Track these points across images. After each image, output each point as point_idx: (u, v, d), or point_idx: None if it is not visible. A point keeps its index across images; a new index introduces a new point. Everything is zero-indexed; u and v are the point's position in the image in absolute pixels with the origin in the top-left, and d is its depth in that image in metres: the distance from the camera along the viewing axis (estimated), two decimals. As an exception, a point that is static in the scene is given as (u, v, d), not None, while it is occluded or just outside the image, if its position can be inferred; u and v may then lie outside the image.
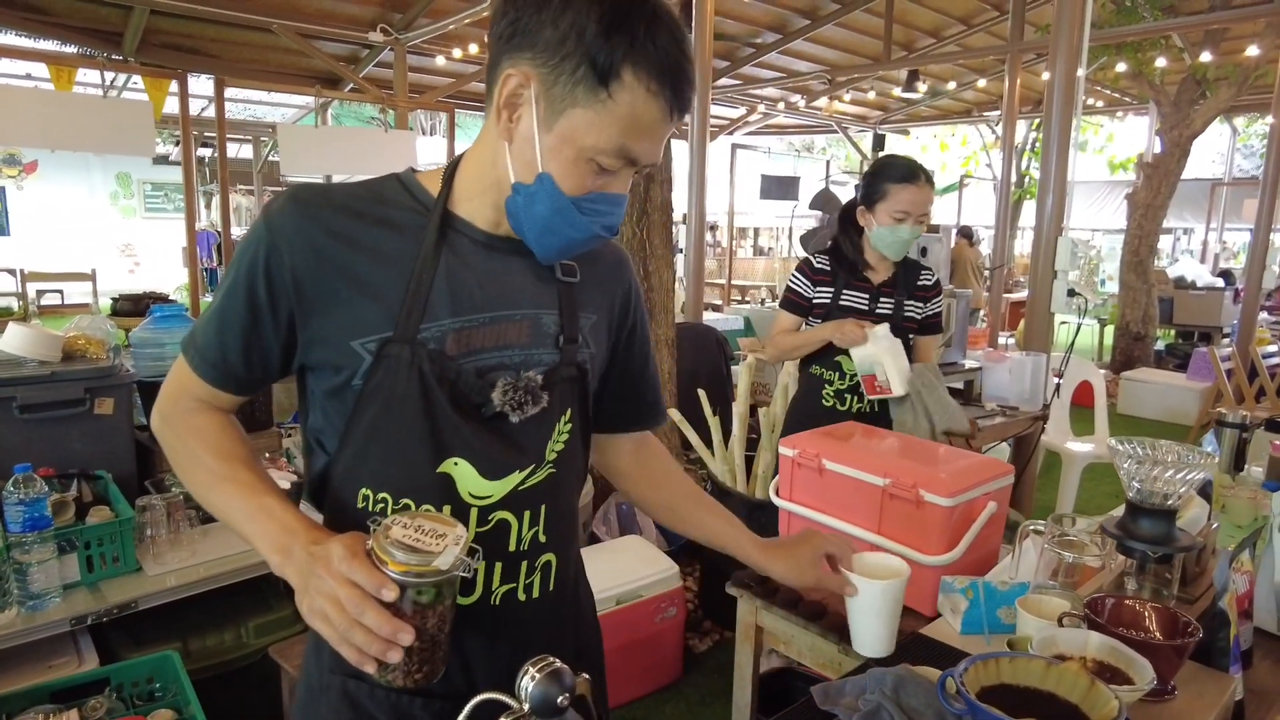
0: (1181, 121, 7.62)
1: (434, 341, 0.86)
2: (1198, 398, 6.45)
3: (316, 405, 0.91)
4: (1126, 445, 1.13)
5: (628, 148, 0.81)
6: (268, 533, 0.81)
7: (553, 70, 0.78)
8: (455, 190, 0.91)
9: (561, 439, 0.96)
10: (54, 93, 4.99)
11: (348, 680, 0.91)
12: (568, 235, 0.86)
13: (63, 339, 2.40)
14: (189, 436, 0.91)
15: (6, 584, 1.78)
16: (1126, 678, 0.87)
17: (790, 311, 2.37)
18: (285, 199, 0.87)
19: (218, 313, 0.88)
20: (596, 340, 1.00)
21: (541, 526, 0.94)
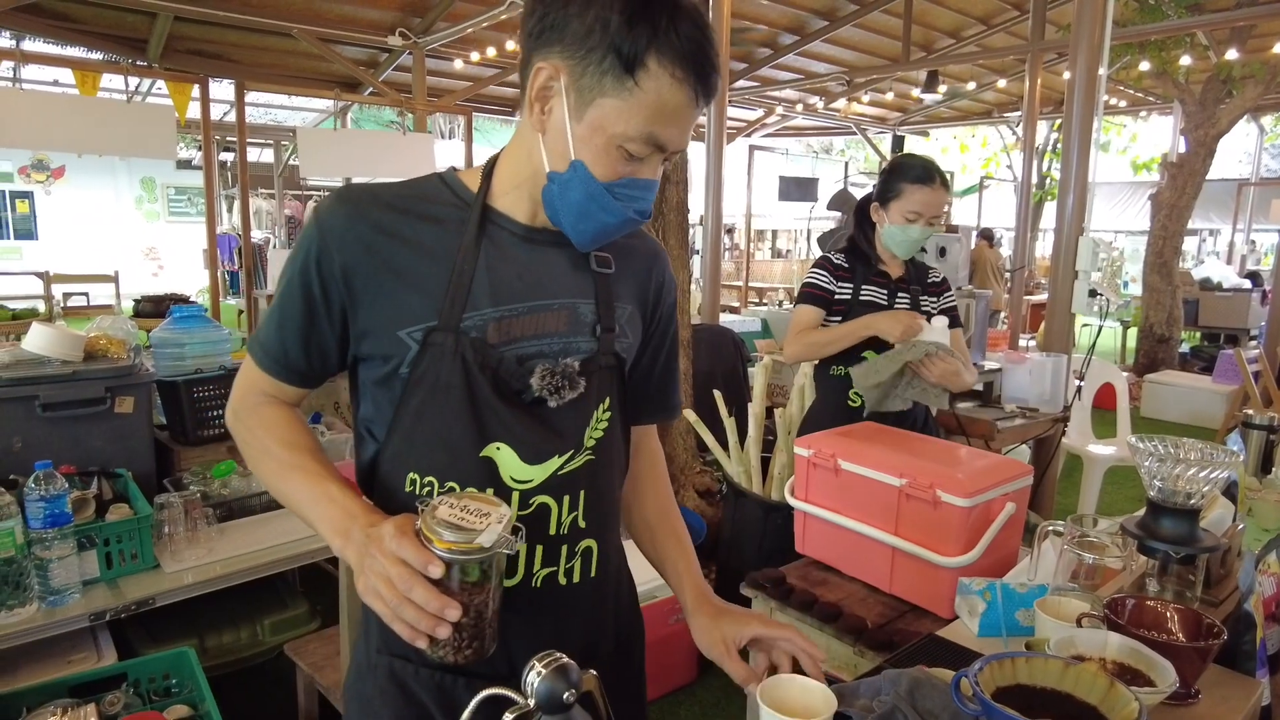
0: (1207, 121, 7.51)
1: (476, 330, 0.89)
2: (1223, 401, 6.33)
3: (367, 395, 0.96)
4: (1148, 443, 1.10)
5: (655, 134, 0.83)
6: (330, 517, 0.85)
7: (580, 62, 0.81)
8: (494, 185, 0.95)
9: (600, 426, 0.98)
10: (79, 98, 5.06)
11: (394, 660, 0.94)
12: (602, 220, 0.88)
13: (85, 339, 2.43)
14: (258, 429, 0.96)
15: (27, 579, 1.80)
16: (1148, 680, 0.85)
17: (812, 305, 2.31)
18: (334, 199, 0.92)
19: (277, 311, 0.93)
20: (633, 330, 1.03)
21: (581, 512, 0.96)
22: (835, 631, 1.66)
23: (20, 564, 1.78)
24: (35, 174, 13.94)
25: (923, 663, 1.19)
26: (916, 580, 1.70)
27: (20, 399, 2.20)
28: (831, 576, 1.87)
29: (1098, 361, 4.32)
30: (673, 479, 3.46)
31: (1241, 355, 5.13)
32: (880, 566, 1.77)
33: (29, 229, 14.14)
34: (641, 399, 1.13)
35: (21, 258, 13.53)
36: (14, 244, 13.98)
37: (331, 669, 1.98)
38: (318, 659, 2.04)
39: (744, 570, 1.95)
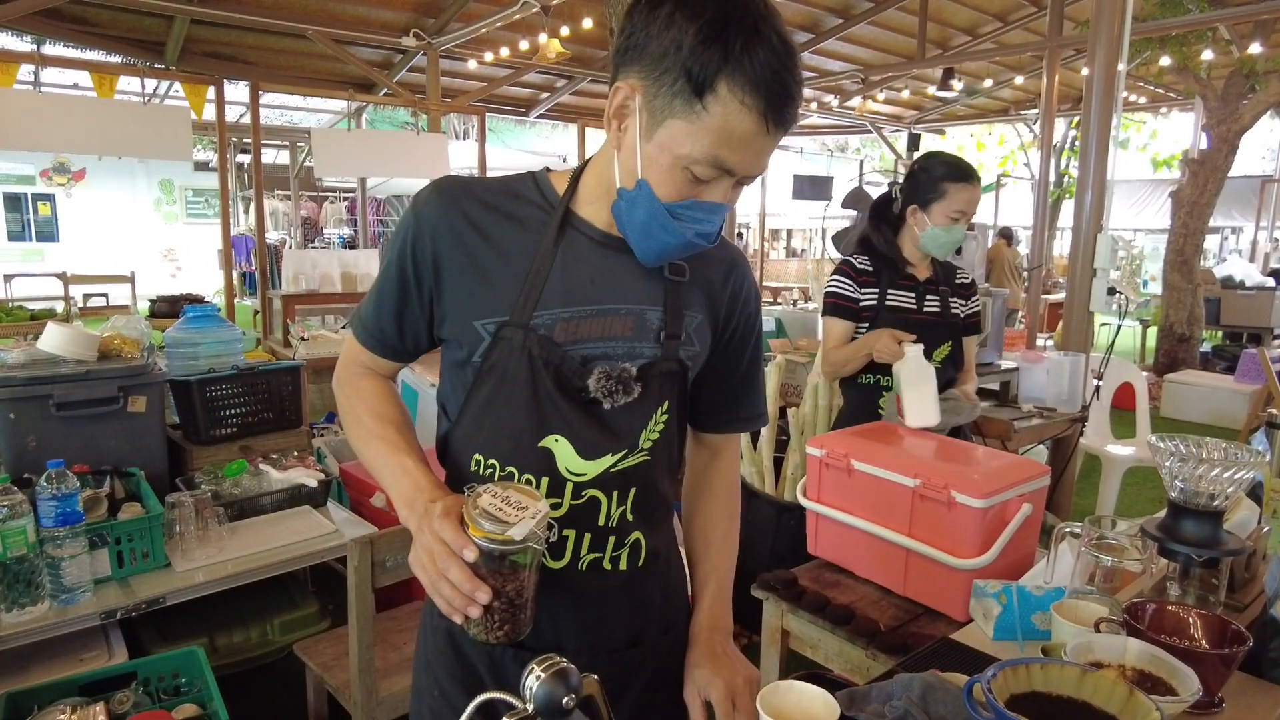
0: (1229, 116, 7.39)
1: (544, 328, 0.94)
2: (1246, 400, 6.23)
3: (446, 375, 1.03)
4: (1169, 443, 1.07)
5: (721, 158, 0.83)
6: (401, 487, 0.92)
7: (655, 82, 0.83)
8: (579, 192, 0.99)
9: (657, 429, 1.00)
10: (96, 100, 5.12)
11: (453, 625, 0.97)
12: (663, 240, 0.91)
13: (99, 339, 2.45)
14: (353, 398, 1.04)
15: (39, 578, 1.80)
16: (1169, 688, 0.82)
17: (839, 318, 2.21)
18: (431, 189, 0.98)
19: (376, 290, 1.01)
20: (701, 338, 1.04)
21: (629, 506, 0.99)
22: (848, 634, 1.63)
23: (32, 562, 1.78)
24: (57, 177, 14.13)
25: (936, 667, 1.17)
26: (930, 582, 1.67)
27: (35, 398, 2.21)
28: (844, 578, 1.85)
29: (1116, 361, 4.26)
30: (685, 479, 3.46)
31: (1265, 354, 5.04)
32: (894, 568, 1.74)
33: (50, 231, 14.33)
34: (720, 407, 1.14)
35: (44, 259, 13.72)
36: (36, 246, 14.18)
37: (341, 669, 1.97)
38: (327, 659, 2.04)
39: (756, 571, 1.93)
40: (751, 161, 0.86)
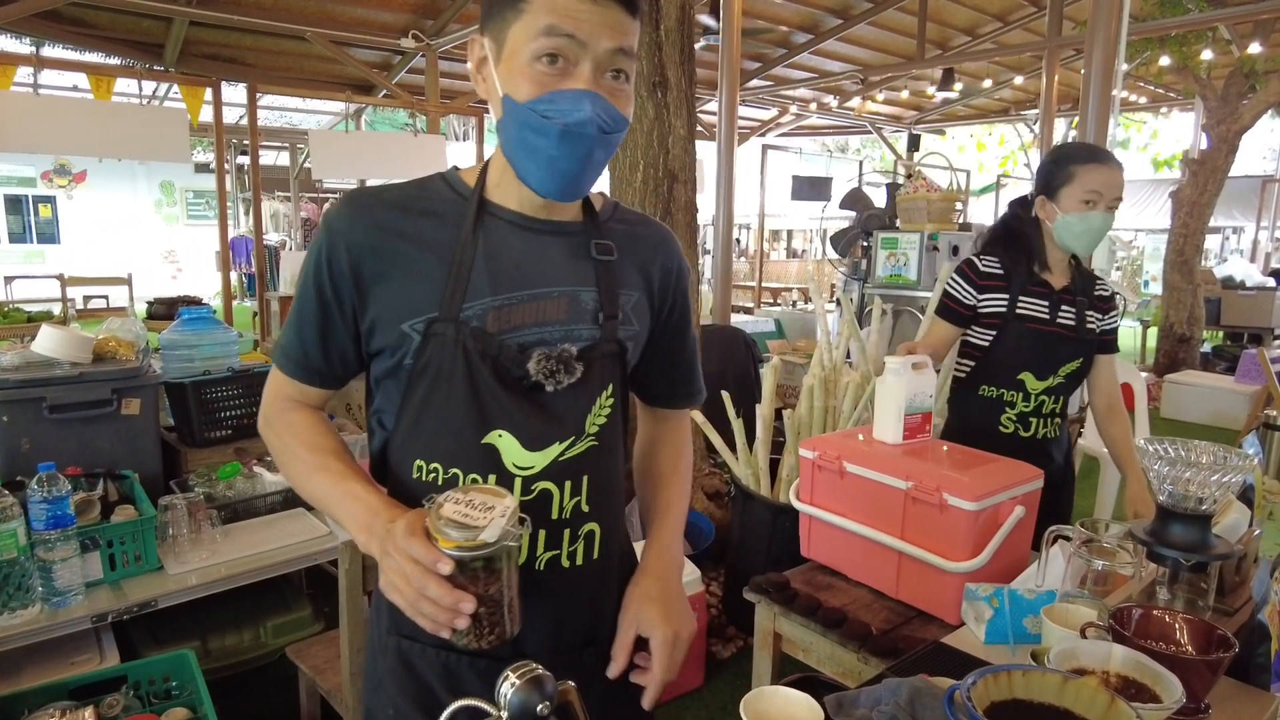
0: (1229, 116, 7.38)
1: (476, 319, 0.92)
2: (1246, 401, 6.21)
3: (379, 389, 0.99)
4: (1156, 445, 1.06)
5: (554, 25, 0.83)
6: (354, 515, 0.89)
7: (489, 18, 0.89)
8: (489, 178, 0.98)
9: (603, 413, 0.99)
10: (95, 102, 5.12)
11: (403, 640, 0.98)
12: (539, 147, 0.87)
13: (93, 341, 2.44)
14: (285, 434, 1.00)
15: (30, 581, 1.80)
16: (1153, 695, 0.82)
17: (945, 319, 2.05)
18: (340, 203, 0.96)
19: (295, 315, 0.97)
20: (640, 318, 1.04)
21: (584, 497, 0.98)
22: (839, 638, 1.63)
23: (23, 565, 1.78)
24: (58, 179, 14.15)
25: (926, 671, 1.16)
26: (923, 585, 1.67)
27: (28, 400, 2.20)
28: (837, 581, 1.84)
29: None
30: (681, 481, 3.45)
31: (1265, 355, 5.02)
32: (886, 571, 1.74)
33: (52, 233, 14.35)
34: (665, 384, 1.16)
35: (45, 261, 13.73)
36: (37, 248, 14.20)
37: (333, 672, 1.97)
38: (319, 662, 2.04)
39: (752, 573, 1.92)
40: (592, 31, 0.83)
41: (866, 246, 4.90)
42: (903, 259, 4.37)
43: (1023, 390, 2.01)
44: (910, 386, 1.78)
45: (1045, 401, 2.03)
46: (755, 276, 12.49)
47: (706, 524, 3.24)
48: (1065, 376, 2.03)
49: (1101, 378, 2.12)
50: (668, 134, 3.19)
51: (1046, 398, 2.03)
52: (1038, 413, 2.03)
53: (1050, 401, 2.03)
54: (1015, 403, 2.02)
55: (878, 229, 4.72)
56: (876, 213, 5.05)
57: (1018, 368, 2.00)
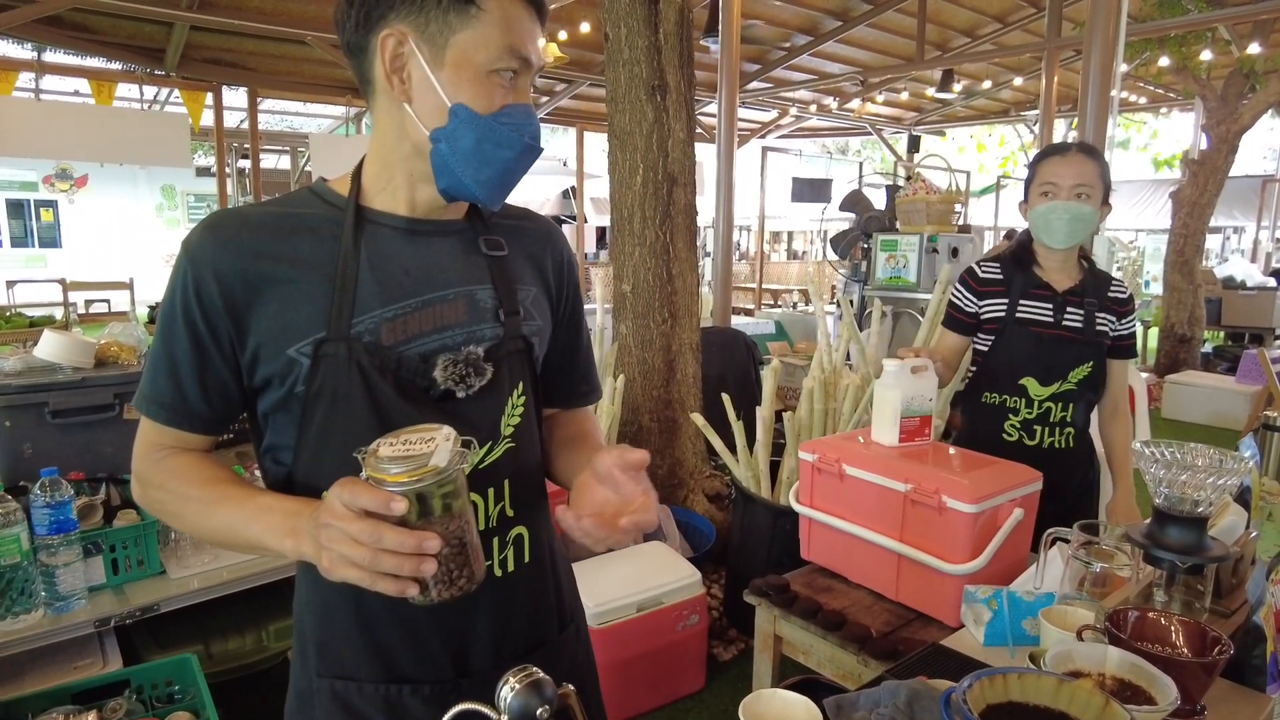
0: (1229, 116, 7.38)
1: (369, 334, 0.87)
2: (1247, 401, 6.22)
3: (269, 424, 0.91)
4: (1153, 448, 1.07)
5: (515, 46, 0.84)
6: (271, 526, 0.80)
7: (421, 13, 0.83)
8: (365, 185, 0.93)
9: (516, 413, 0.96)
10: (95, 107, 5.14)
11: (335, 682, 0.92)
12: (500, 158, 0.87)
13: (95, 346, 2.45)
14: (168, 481, 0.89)
15: (33, 585, 1.81)
16: (1149, 697, 0.82)
17: (951, 330, 2.07)
18: (201, 229, 0.88)
19: (165, 357, 0.88)
20: (540, 312, 1.01)
21: (507, 501, 0.95)
22: (839, 640, 1.63)
23: (26, 570, 1.78)
24: (59, 183, 14.18)
25: (926, 673, 1.17)
26: (922, 588, 1.67)
27: (30, 406, 2.21)
28: (836, 583, 1.85)
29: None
30: (682, 483, 3.46)
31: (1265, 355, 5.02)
32: (885, 573, 1.74)
33: (53, 237, 14.38)
34: (565, 383, 1.11)
35: (46, 265, 13.77)
36: (39, 252, 14.23)
37: (335, 675, 1.97)
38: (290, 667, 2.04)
39: (753, 575, 1.93)
40: (535, 49, 0.87)
41: (866, 248, 4.90)
42: (902, 261, 4.38)
43: (1025, 396, 1.98)
44: (907, 389, 1.78)
45: (1052, 409, 1.97)
46: (755, 278, 12.50)
47: (707, 526, 3.24)
48: (1076, 383, 1.97)
49: (1111, 380, 2.07)
50: (667, 137, 3.20)
51: (1053, 405, 1.97)
52: (1044, 420, 1.98)
53: (1058, 409, 1.97)
54: (1018, 409, 1.99)
55: (877, 231, 4.72)
56: (876, 215, 5.06)
57: (1019, 373, 1.97)
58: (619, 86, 3.17)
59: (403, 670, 0.92)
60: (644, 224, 3.23)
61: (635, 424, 3.38)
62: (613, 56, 3.17)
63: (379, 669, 0.91)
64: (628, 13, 3.08)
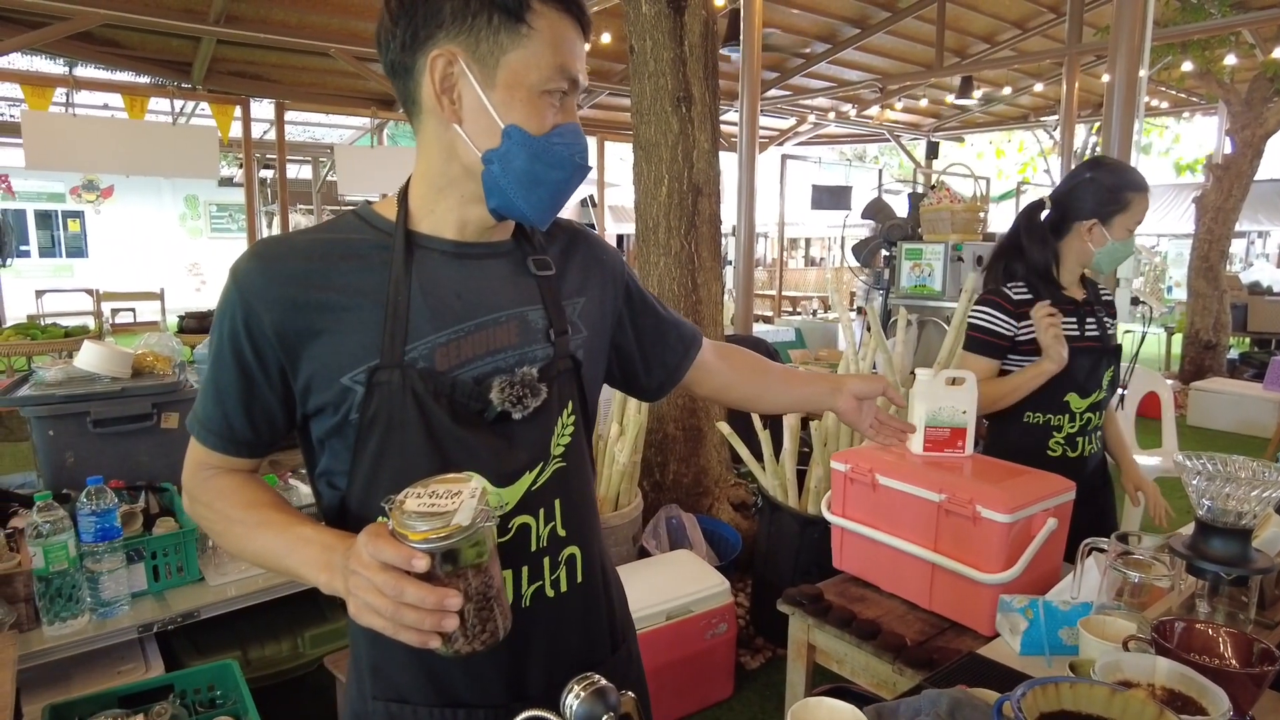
0: (1254, 121, 7.32)
1: (422, 360, 0.86)
2: (1275, 409, 6.14)
3: (323, 449, 0.92)
4: (1196, 461, 1.07)
5: (566, 66, 0.85)
6: (308, 558, 0.81)
7: (470, 34, 0.82)
8: (413, 209, 0.92)
9: (566, 433, 0.96)
10: (127, 121, 5.25)
11: (391, 705, 0.92)
12: (552, 179, 0.87)
13: (133, 356, 2.50)
14: (215, 501, 0.92)
15: (79, 592, 1.85)
16: (1199, 708, 0.83)
17: (984, 355, 2.00)
18: (249, 257, 0.88)
19: (212, 383, 0.89)
20: (589, 323, 1.01)
21: (559, 521, 0.95)
22: (874, 649, 1.64)
23: (73, 576, 1.83)
24: (86, 194, 14.43)
25: (963, 682, 1.17)
26: (956, 597, 1.67)
27: (72, 415, 2.26)
28: (869, 592, 1.85)
29: (1141, 369, 4.22)
30: (707, 492, 3.47)
31: (1293, 362, 4.97)
32: (919, 583, 1.75)
33: (80, 247, 14.63)
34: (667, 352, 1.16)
35: (73, 275, 14.01)
36: (66, 262, 14.48)
37: (371, 682, 2.00)
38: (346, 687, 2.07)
39: (780, 584, 1.94)
40: (582, 68, 0.88)
41: (889, 256, 4.90)
42: (928, 269, 4.38)
43: (1068, 411, 1.98)
44: (935, 399, 1.78)
45: (1091, 419, 2.00)
46: (775, 285, 12.49)
47: (733, 535, 3.25)
48: (1107, 387, 2.03)
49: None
50: (692, 148, 3.23)
51: (1092, 414, 2.00)
52: (1084, 431, 2.01)
53: (1095, 418, 2.02)
54: (1062, 426, 1.99)
55: (901, 239, 4.72)
56: (898, 222, 5.05)
57: (1063, 390, 1.96)
58: (644, 98, 3.20)
59: (457, 694, 0.92)
60: (669, 234, 3.25)
61: (661, 432, 3.39)
62: (638, 69, 3.20)
63: (433, 693, 0.92)
64: (653, 26, 3.11)
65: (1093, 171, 1.97)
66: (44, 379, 2.32)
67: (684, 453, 3.42)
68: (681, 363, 1.17)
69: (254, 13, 6.11)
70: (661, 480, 3.43)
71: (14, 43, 5.43)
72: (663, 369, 1.16)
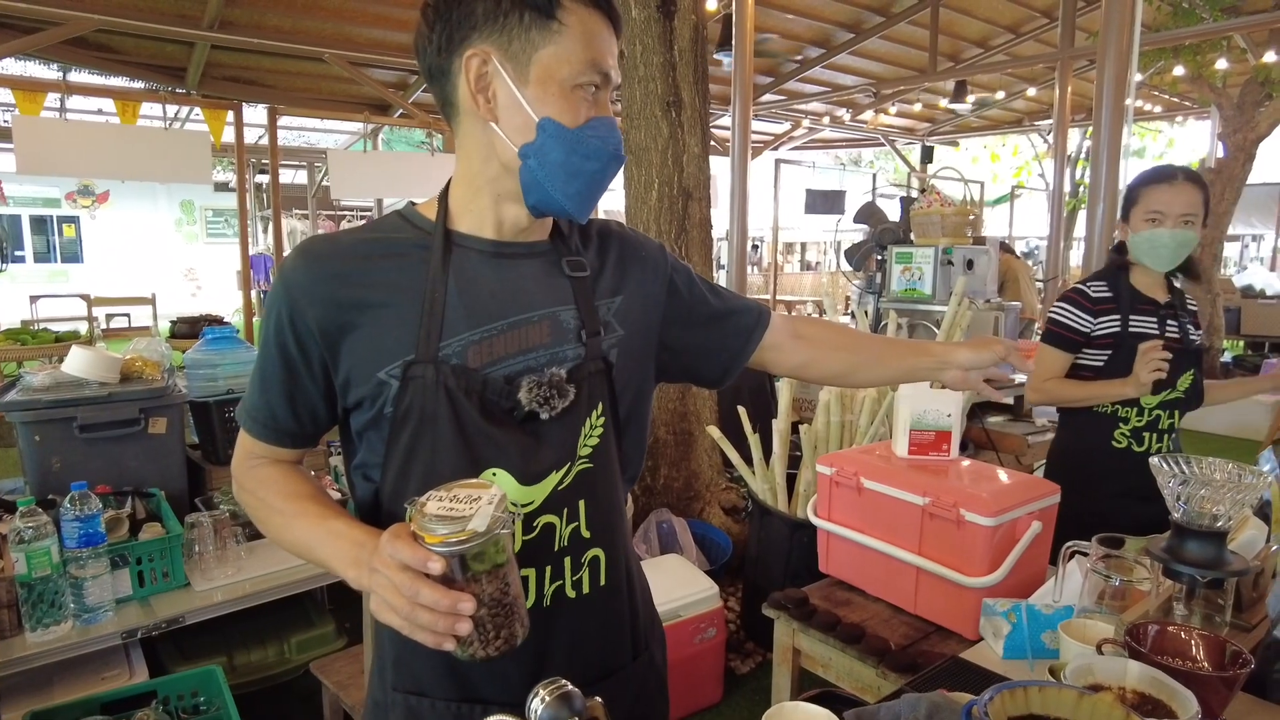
0: (1245, 125, 7.34)
1: (456, 357, 0.88)
2: (1268, 412, 6.15)
3: (361, 441, 0.95)
4: (1170, 464, 1.07)
5: (598, 61, 0.86)
6: (339, 553, 0.84)
7: (503, 32, 0.84)
8: (452, 209, 0.94)
9: (595, 434, 0.96)
10: (120, 126, 5.24)
11: (409, 697, 0.94)
12: (588, 170, 0.88)
13: (121, 361, 2.50)
14: (259, 489, 0.96)
15: (62, 598, 1.84)
16: (1169, 711, 0.83)
17: (1059, 348, 2.10)
18: (296, 255, 0.91)
19: (259, 375, 0.93)
20: (628, 322, 1.01)
21: (583, 522, 0.95)
22: (858, 653, 1.64)
23: (56, 582, 1.82)
24: (81, 199, 14.41)
25: (945, 686, 1.17)
26: (941, 601, 1.67)
27: (59, 420, 2.26)
28: (855, 596, 1.85)
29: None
30: (698, 496, 3.47)
31: (1285, 365, 4.97)
32: (904, 586, 1.75)
33: (75, 252, 14.61)
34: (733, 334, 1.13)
35: (68, 280, 13.98)
36: (61, 267, 14.45)
37: (356, 687, 1.99)
38: (343, 677, 2.06)
39: (770, 589, 1.94)
40: (614, 64, 0.88)
41: (881, 260, 4.90)
42: (917, 273, 4.38)
43: (1136, 405, 2.03)
44: (919, 403, 1.80)
45: (1160, 416, 2.04)
46: (770, 289, 12.50)
47: (724, 539, 3.25)
48: (1184, 390, 2.05)
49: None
50: (682, 153, 3.23)
51: (1161, 412, 2.04)
52: (1152, 427, 2.04)
53: (1166, 416, 2.04)
54: (1129, 418, 2.04)
55: (892, 243, 4.73)
56: (890, 226, 5.06)
57: None
58: (634, 103, 3.21)
59: (476, 690, 0.93)
60: (659, 238, 3.26)
61: (652, 436, 3.39)
62: (628, 73, 3.21)
63: (453, 687, 0.93)
64: (643, 30, 3.12)
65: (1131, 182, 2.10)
66: (31, 384, 2.31)
67: (675, 457, 3.42)
68: (744, 348, 1.14)
69: (248, 18, 6.11)
70: (652, 484, 3.42)
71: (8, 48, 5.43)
72: (724, 356, 1.14)
